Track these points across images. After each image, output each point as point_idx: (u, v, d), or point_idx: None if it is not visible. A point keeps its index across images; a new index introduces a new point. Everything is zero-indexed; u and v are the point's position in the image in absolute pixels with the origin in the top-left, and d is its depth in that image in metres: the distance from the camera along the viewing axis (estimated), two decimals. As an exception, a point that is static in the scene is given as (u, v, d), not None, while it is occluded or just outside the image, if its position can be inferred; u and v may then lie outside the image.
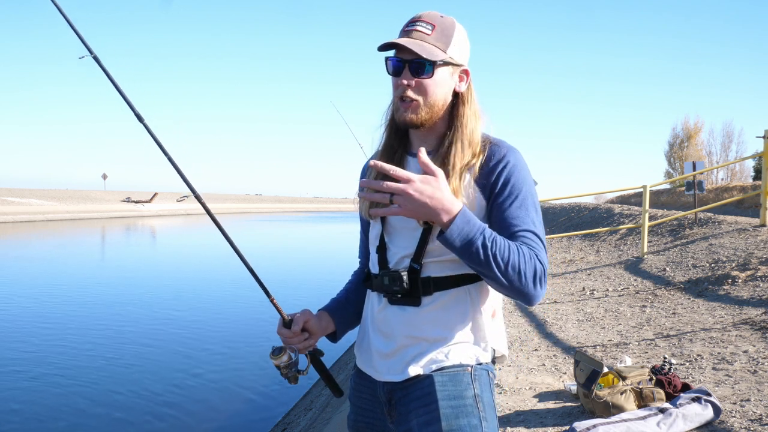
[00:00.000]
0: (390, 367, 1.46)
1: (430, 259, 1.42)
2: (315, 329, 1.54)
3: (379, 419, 1.51)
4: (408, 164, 1.49)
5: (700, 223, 10.32)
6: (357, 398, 1.57)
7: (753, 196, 13.52)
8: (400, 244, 1.46)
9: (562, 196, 15.84)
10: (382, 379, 1.48)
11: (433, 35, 1.40)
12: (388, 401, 1.47)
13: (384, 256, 1.49)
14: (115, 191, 72.17)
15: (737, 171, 39.47)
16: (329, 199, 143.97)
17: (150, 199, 60.58)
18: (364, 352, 1.55)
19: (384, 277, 1.44)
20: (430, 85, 1.40)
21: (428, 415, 1.39)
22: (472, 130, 1.44)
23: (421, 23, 1.41)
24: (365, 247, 1.65)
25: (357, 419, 1.57)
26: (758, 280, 6.22)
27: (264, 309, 10.83)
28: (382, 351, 1.48)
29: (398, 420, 1.46)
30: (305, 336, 1.52)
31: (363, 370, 1.55)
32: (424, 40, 1.39)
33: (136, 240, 30.61)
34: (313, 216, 70.47)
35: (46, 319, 10.13)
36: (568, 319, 6.08)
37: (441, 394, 1.39)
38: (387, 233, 1.49)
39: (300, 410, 6.17)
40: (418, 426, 1.40)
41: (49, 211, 44.00)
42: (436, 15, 1.43)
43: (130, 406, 6.34)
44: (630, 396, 3.24)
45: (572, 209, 20.96)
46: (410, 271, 1.42)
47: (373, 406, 1.52)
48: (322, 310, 1.60)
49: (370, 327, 1.53)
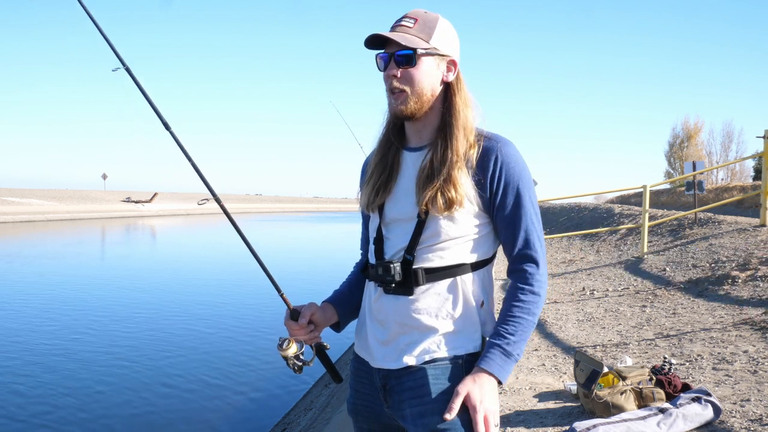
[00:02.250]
0: (385, 354, 1.52)
1: (423, 250, 1.47)
2: (320, 321, 1.61)
3: (376, 403, 1.57)
4: (404, 158, 1.55)
5: (700, 223, 10.31)
6: (356, 382, 1.63)
7: (753, 196, 13.52)
8: (396, 235, 1.51)
9: (562, 196, 15.86)
10: (377, 365, 1.54)
11: (415, 27, 1.46)
12: (383, 387, 1.53)
13: (381, 247, 1.54)
14: (115, 191, 72.20)
15: (737, 171, 39.46)
16: (329, 199, 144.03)
17: (150, 199, 60.58)
18: (362, 338, 1.61)
19: (379, 267, 1.50)
20: (415, 75, 1.46)
21: (422, 407, 1.45)
22: (466, 117, 1.49)
23: (405, 19, 1.48)
24: (366, 239, 1.71)
25: (356, 402, 1.63)
26: (758, 280, 6.22)
27: (265, 309, 10.87)
28: (378, 338, 1.54)
29: (393, 405, 1.52)
30: (311, 328, 1.59)
31: (360, 355, 1.62)
32: (406, 32, 1.45)
33: (144, 239, 30.61)
34: (313, 216, 70.46)
35: (51, 316, 10.14)
36: (568, 319, 6.08)
37: (434, 387, 1.45)
38: (384, 225, 1.55)
39: (300, 410, 6.17)
40: (411, 416, 1.46)
41: (49, 211, 44.01)
42: (420, 11, 1.49)
43: (129, 406, 6.34)
44: (630, 396, 3.23)
45: (572, 209, 20.96)
46: (403, 261, 1.48)
47: (370, 390, 1.58)
48: (326, 302, 1.67)
49: (367, 315, 1.59)
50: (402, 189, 1.52)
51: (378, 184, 1.54)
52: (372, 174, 1.57)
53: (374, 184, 1.54)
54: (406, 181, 1.51)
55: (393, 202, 1.52)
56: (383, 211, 1.54)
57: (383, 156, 1.56)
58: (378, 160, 1.57)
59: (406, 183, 1.51)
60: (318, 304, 1.64)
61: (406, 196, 1.50)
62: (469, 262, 1.48)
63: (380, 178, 1.54)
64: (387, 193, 1.53)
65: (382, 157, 1.56)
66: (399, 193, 1.52)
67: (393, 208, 1.52)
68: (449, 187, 1.42)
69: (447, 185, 1.42)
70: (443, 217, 1.44)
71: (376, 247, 1.55)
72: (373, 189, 1.54)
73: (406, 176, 1.52)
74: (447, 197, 1.42)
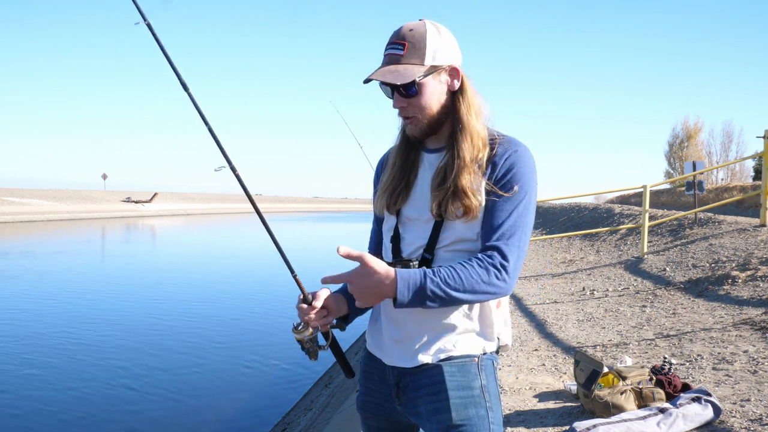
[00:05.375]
0: (400, 352, 1.51)
1: (441, 250, 1.47)
2: (333, 308, 1.56)
3: (387, 400, 1.57)
4: (423, 159, 1.55)
5: (700, 223, 10.31)
6: (367, 379, 1.63)
7: (753, 196, 13.52)
8: (413, 234, 1.51)
9: (562, 196, 15.83)
10: (392, 363, 1.54)
11: (405, 54, 1.43)
12: (396, 384, 1.53)
13: (398, 245, 1.54)
14: (115, 191, 72.22)
15: (737, 171, 39.48)
16: (329, 199, 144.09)
17: (150, 199, 60.59)
18: (375, 336, 1.61)
19: (397, 265, 1.47)
20: (421, 101, 1.46)
21: (437, 404, 1.45)
22: (471, 123, 1.48)
23: (393, 46, 1.45)
24: (377, 237, 1.70)
25: (366, 399, 1.62)
26: (758, 280, 6.22)
27: (269, 309, 10.88)
28: (393, 337, 1.53)
29: (406, 403, 1.52)
30: (324, 313, 1.54)
31: (373, 353, 1.61)
32: (398, 62, 1.43)
33: (144, 239, 30.61)
34: (313, 216, 70.46)
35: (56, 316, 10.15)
36: (568, 319, 6.08)
37: (450, 384, 1.45)
38: (401, 224, 1.55)
39: (300, 410, 6.17)
40: (426, 413, 1.47)
41: (49, 211, 44.01)
42: (405, 29, 1.45)
43: (130, 406, 6.34)
44: (630, 396, 3.23)
45: (572, 209, 20.96)
46: (422, 260, 1.47)
47: (381, 387, 1.58)
48: (337, 293, 1.63)
49: (382, 313, 1.58)
50: (419, 190, 1.52)
51: (398, 189, 1.54)
52: (390, 177, 1.56)
53: (393, 188, 1.54)
54: (424, 183, 1.51)
55: (411, 202, 1.53)
56: (401, 210, 1.54)
57: (402, 158, 1.56)
58: (396, 162, 1.56)
59: (424, 185, 1.51)
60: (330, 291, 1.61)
61: (423, 198, 1.50)
62: None
63: (400, 183, 1.54)
64: (406, 197, 1.53)
65: (400, 160, 1.56)
66: (416, 193, 1.52)
67: (411, 209, 1.52)
68: (461, 195, 1.42)
69: (458, 193, 1.42)
70: (460, 219, 1.45)
71: (393, 246, 1.55)
72: (392, 194, 1.54)
73: (425, 178, 1.52)
74: (461, 205, 1.42)
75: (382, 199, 1.57)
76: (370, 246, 1.75)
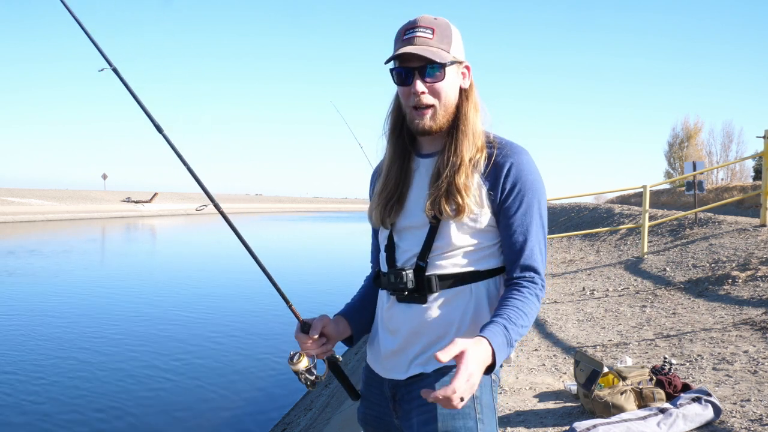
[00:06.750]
0: (394, 365, 1.50)
1: (436, 257, 1.44)
2: (332, 334, 1.54)
3: (386, 413, 1.55)
4: (419, 165, 1.51)
5: (700, 223, 10.31)
6: (367, 392, 1.61)
7: (753, 196, 13.52)
8: (408, 242, 1.49)
9: (562, 196, 15.80)
10: (387, 376, 1.52)
11: (435, 38, 1.40)
12: (393, 397, 1.51)
13: (392, 254, 1.51)
14: (115, 191, 72.22)
15: (737, 171, 39.49)
16: (329, 199, 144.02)
17: (150, 199, 60.58)
18: (373, 349, 1.59)
19: (391, 274, 1.47)
20: (443, 88, 1.42)
21: (427, 415, 1.42)
22: (474, 123, 1.46)
23: (420, 29, 1.40)
24: (377, 250, 1.66)
25: (366, 412, 1.61)
26: (758, 280, 6.22)
27: (269, 310, 10.87)
28: (388, 348, 1.51)
29: (402, 416, 1.50)
30: (323, 341, 1.52)
31: (371, 366, 1.60)
32: (428, 44, 1.39)
33: (145, 239, 30.60)
34: (313, 216, 70.45)
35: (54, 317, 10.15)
36: (568, 319, 6.08)
37: None
38: (396, 233, 1.52)
39: (300, 410, 6.17)
40: (417, 425, 1.44)
41: (49, 211, 44.01)
42: (430, 18, 1.42)
43: (130, 406, 6.34)
44: (630, 396, 3.23)
45: (572, 209, 20.94)
46: (416, 269, 1.45)
47: (381, 400, 1.56)
48: (338, 315, 1.61)
49: (379, 325, 1.57)
50: (414, 198, 1.48)
51: (391, 202, 1.50)
52: (383, 188, 1.52)
53: (386, 201, 1.50)
54: (419, 190, 1.48)
55: (405, 213, 1.49)
56: (395, 223, 1.52)
57: (396, 167, 1.51)
58: (389, 172, 1.52)
59: (419, 191, 1.48)
60: (330, 316, 1.58)
61: (418, 204, 1.47)
62: (483, 270, 1.45)
63: (393, 196, 1.50)
64: (400, 210, 1.49)
65: (394, 169, 1.52)
66: (411, 202, 1.49)
67: (405, 218, 1.49)
68: (455, 192, 1.39)
69: (452, 191, 1.40)
70: (455, 224, 1.42)
71: (387, 255, 1.52)
72: (386, 208, 1.50)
73: (419, 184, 1.49)
74: (455, 203, 1.40)
75: (376, 212, 1.53)
76: (372, 259, 1.72)
